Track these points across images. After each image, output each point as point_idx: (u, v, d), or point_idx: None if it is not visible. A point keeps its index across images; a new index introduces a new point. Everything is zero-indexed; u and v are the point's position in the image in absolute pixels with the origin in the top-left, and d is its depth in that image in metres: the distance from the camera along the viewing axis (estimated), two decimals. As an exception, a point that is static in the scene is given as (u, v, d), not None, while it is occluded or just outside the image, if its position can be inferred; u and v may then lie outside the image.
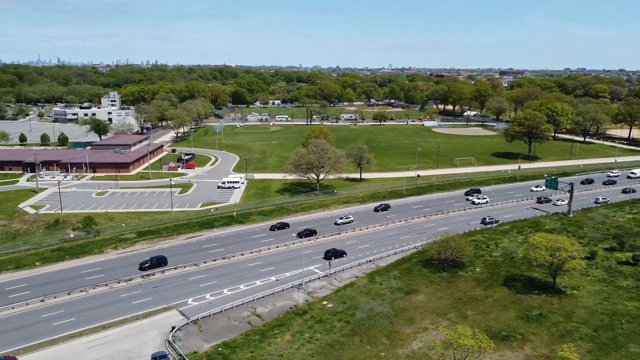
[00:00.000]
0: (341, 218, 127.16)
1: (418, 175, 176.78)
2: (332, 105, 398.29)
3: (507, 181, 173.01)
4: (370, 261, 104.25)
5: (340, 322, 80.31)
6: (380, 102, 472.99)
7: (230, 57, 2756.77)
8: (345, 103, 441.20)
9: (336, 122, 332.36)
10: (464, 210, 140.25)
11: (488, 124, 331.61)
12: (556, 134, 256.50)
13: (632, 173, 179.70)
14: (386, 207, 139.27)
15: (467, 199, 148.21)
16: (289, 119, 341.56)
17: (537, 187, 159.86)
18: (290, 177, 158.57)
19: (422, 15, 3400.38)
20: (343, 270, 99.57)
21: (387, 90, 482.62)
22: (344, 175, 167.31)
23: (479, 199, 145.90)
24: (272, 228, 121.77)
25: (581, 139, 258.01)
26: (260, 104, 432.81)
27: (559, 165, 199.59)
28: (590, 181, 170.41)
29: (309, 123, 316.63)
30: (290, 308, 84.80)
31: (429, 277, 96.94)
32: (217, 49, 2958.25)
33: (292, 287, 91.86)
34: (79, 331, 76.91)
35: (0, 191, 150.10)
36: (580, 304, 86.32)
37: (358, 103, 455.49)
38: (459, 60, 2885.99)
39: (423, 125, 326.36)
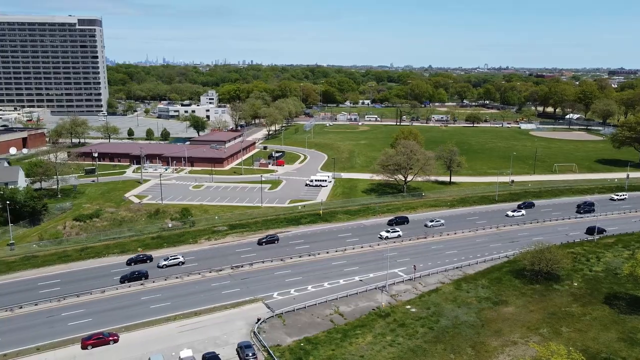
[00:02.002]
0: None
1: (512, 181, 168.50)
2: (423, 105, 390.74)
3: (612, 191, 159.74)
4: (457, 267, 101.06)
5: (423, 328, 78.69)
6: (473, 103, 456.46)
7: (322, 56, 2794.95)
8: (437, 104, 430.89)
9: (426, 123, 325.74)
10: (562, 219, 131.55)
11: (593, 128, 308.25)
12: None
13: None
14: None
15: (578, 211, 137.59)
16: (378, 119, 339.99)
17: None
18: (378, 177, 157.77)
19: (522, 12, 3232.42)
20: (429, 275, 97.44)
21: (481, 91, 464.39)
22: (433, 178, 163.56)
23: (586, 210, 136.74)
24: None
25: None
26: (350, 103, 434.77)
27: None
28: None
29: (398, 123, 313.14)
30: (373, 309, 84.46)
31: (520, 289, 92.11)
32: (310, 49, 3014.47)
33: (376, 288, 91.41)
34: (173, 315, 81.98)
35: (110, 181, 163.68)
36: (695, 331, 77.77)
37: (450, 104, 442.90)
38: (562, 59, 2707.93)
39: (520, 128, 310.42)
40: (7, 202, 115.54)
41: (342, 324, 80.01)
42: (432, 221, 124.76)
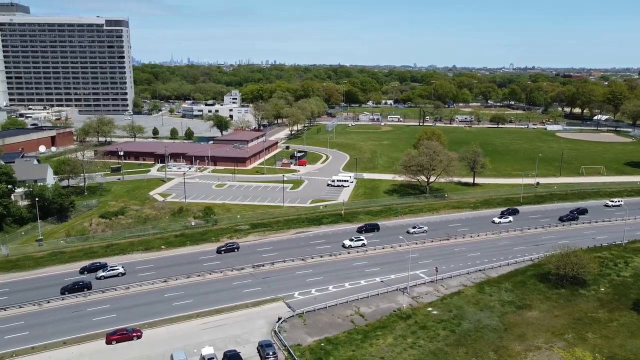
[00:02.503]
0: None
1: (537, 183, 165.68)
2: (447, 106, 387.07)
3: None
4: (480, 270, 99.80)
5: (445, 331, 77.94)
6: (498, 104, 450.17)
7: (345, 56, 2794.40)
8: (461, 104, 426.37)
9: (450, 123, 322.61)
10: (589, 223, 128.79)
11: (622, 129, 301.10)
12: None
13: None
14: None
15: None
16: (401, 119, 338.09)
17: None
18: (400, 178, 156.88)
19: (549, 10, 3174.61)
20: (451, 277, 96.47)
21: (506, 91, 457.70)
22: (456, 179, 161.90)
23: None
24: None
25: None
26: (373, 103, 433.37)
27: None
28: None
29: (421, 124, 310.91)
30: (394, 311, 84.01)
31: (545, 293, 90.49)
32: (333, 49, 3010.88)
33: (397, 290, 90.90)
34: (196, 312, 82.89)
35: (135, 179, 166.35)
36: None
37: (474, 104, 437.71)
38: (590, 59, 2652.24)
39: (545, 129, 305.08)
40: (37, 198, 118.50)
41: (363, 324, 79.79)
42: (414, 227, 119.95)
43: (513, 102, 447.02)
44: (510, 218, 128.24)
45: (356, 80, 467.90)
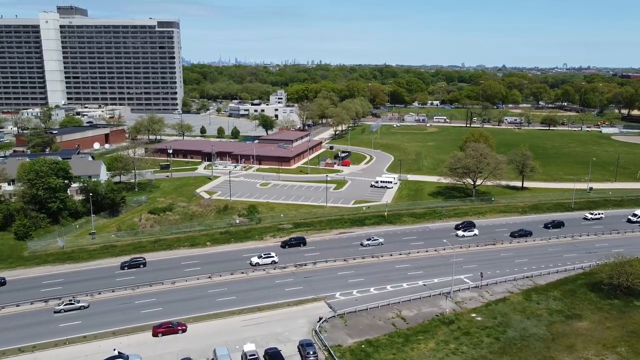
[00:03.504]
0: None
1: (591, 188, 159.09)
2: (495, 107, 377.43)
3: None
4: (527, 277, 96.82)
5: (489, 338, 76.06)
6: (550, 105, 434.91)
7: (391, 56, 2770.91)
8: (510, 105, 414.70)
9: (498, 125, 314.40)
10: (632, 232, 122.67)
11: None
12: None
13: None
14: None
15: None
16: (447, 120, 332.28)
17: None
18: (445, 180, 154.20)
19: (606, 8, 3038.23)
20: (496, 283, 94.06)
21: (559, 92, 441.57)
22: (504, 183, 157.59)
23: None
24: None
25: None
26: (418, 104, 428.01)
27: None
28: None
29: (468, 125, 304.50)
30: (437, 315, 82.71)
31: (597, 303, 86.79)
32: (379, 49, 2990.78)
33: (440, 294, 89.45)
34: (238, 309, 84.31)
35: (183, 176, 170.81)
36: None
37: (524, 105, 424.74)
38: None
39: (600, 131, 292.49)
40: (90, 194, 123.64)
41: (404, 328, 78.95)
42: (368, 239, 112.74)
43: (566, 104, 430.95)
44: (476, 231, 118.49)
45: (402, 81, 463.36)
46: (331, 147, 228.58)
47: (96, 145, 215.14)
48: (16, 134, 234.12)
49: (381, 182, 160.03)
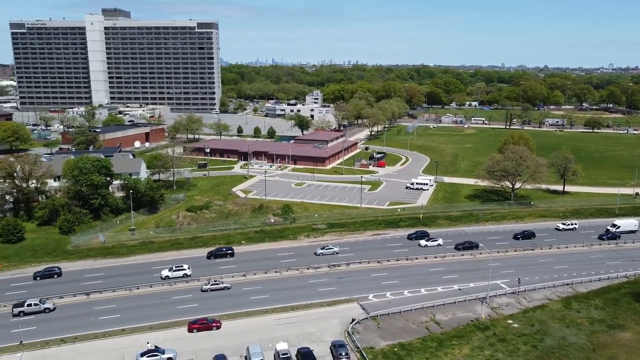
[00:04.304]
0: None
1: (637, 194, 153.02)
2: (536, 108, 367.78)
3: None
4: (567, 284, 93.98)
5: (526, 346, 74.18)
6: (594, 107, 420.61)
7: (429, 56, 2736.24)
8: (552, 106, 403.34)
9: (539, 127, 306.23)
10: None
11: None
12: None
13: None
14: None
15: None
16: (486, 121, 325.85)
17: None
18: (483, 183, 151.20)
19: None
20: (534, 289, 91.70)
21: (604, 94, 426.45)
22: (544, 186, 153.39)
23: None
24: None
25: None
26: (456, 105, 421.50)
27: None
28: None
29: (507, 127, 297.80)
30: (472, 321, 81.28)
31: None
32: (416, 49, 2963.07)
33: (476, 299, 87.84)
34: (271, 308, 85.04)
35: (219, 175, 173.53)
36: None
37: (567, 107, 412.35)
38: None
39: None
40: (131, 191, 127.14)
41: (438, 332, 77.91)
42: (322, 248, 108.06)
43: (612, 105, 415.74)
44: (440, 241, 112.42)
45: (439, 81, 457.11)
46: (366, 148, 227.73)
47: (137, 144, 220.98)
48: (62, 132, 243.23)
49: (417, 184, 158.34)
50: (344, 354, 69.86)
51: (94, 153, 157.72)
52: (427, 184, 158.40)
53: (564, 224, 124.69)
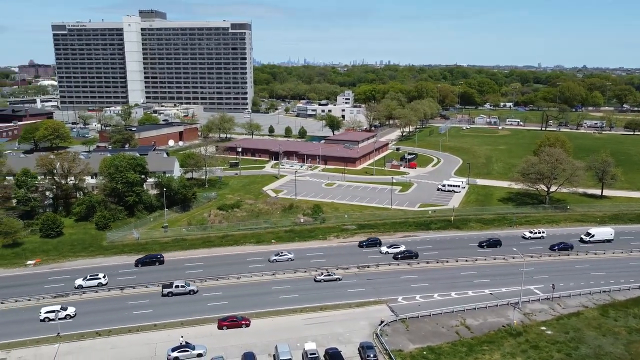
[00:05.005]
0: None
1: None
2: (574, 110, 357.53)
3: None
4: (604, 291, 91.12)
5: (559, 354, 72.29)
6: (635, 108, 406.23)
7: (463, 56, 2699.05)
8: (590, 108, 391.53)
9: (577, 129, 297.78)
10: None
11: None
12: None
13: None
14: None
15: None
16: (521, 123, 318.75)
17: None
18: (517, 186, 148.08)
19: None
20: (569, 296, 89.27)
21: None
22: (581, 190, 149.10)
23: None
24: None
25: None
26: (490, 105, 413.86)
27: None
28: None
29: (543, 129, 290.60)
30: (503, 326, 79.71)
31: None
32: (449, 49, 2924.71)
33: (508, 304, 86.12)
34: (300, 307, 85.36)
35: (250, 175, 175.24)
36: None
37: (606, 108, 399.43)
38: None
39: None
40: (164, 188, 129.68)
41: (469, 337, 76.72)
42: (277, 254, 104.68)
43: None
44: (402, 247, 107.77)
45: (473, 81, 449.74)
46: (398, 149, 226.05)
47: (171, 143, 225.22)
48: (99, 131, 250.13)
49: (448, 185, 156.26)
50: (372, 355, 69.53)
51: (130, 151, 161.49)
52: (459, 186, 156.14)
53: (531, 232, 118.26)
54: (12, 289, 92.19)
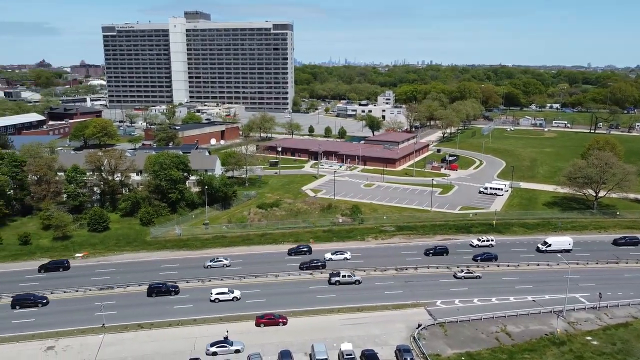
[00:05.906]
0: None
1: None
2: (626, 111, 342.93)
3: None
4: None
5: (606, 365, 69.56)
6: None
7: (507, 56, 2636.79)
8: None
9: (628, 131, 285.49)
10: None
11: None
12: None
13: None
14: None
15: None
16: (568, 125, 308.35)
17: None
18: (563, 190, 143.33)
19: None
20: (617, 305, 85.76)
21: None
22: (632, 196, 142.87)
23: None
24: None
25: None
26: (536, 107, 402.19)
27: None
28: None
29: (592, 131, 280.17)
30: (545, 334, 77.38)
31: None
32: (493, 49, 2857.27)
33: (551, 312, 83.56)
34: (337, 308, 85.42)
35: (290, 174, 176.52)
36: None
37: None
38: None
39: None
40: (206, 186, 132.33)
41: (509, 344, 74.87)
42: (212, 260, 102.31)
43: None
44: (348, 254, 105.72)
45: (518, 82, 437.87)
46: (438, 150, 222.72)
47: (213, 141, 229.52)
48: (145, 129, 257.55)
49: (491, 188, 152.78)
50: (409, 359, 68.82)
51: (173, 149, 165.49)
52: (502, 189, 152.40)
53: (479, 240, 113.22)
54: (61, 280, 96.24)
